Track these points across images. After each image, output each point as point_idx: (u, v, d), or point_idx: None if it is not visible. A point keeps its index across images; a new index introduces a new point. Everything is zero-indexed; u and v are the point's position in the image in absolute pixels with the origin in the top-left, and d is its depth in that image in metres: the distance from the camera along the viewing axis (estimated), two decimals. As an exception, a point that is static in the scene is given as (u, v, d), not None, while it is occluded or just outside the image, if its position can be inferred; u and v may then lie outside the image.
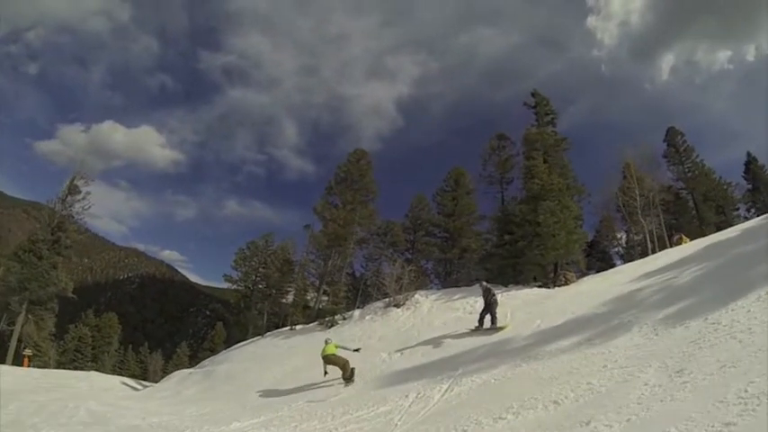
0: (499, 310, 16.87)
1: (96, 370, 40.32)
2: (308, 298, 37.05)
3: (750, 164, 42.70)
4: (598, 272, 28.18)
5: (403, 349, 16.92)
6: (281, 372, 18.95)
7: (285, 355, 22.48)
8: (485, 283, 17.86)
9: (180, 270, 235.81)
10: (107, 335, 60.99)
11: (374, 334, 21.37)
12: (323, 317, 28.05)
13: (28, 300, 34.98)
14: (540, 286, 23.32)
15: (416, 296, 25.12)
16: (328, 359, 14.86)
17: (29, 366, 32.96)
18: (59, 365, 44.55)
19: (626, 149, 38.35)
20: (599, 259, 40.07)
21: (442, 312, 21.78)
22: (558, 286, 22.51)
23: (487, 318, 16.60)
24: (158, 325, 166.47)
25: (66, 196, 38.27)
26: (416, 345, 17.02)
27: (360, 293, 36.72)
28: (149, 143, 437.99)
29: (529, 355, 10.82)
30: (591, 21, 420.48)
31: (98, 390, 22.80)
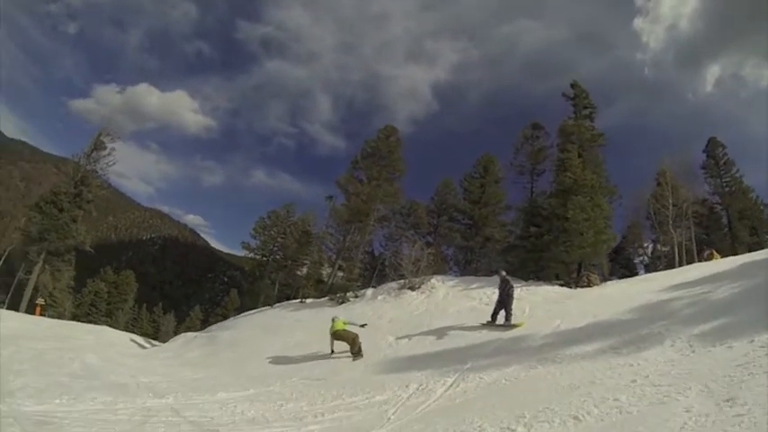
0: (516, 305, 15.86)
1: (110, 325, 40.53)
2: (323, 272, 36.49)
3: (789, 187, 40.23)
4: (621, 278, 26.94)
5: (412, 335, 15.96)
6: (283, 344, 18.32)
7: (291, 327, 21.82)
8: (503, 273, 16.62)
9: (202, 235, 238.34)
10: (123, 292, 62.32)
11: (384, 315, 20.52)
12: (335, 292, 27.36)
13: (46, 250, 35.79)
14: (561, 285, 22.14)
15: (433, 280, 24.22)
16: (337, 335, 14.76)
17: (41, 315, 33.77)
18: (74, 318, 45.21)
19: (665, 157, 36.71)
20: (622, 266, 38.89)
21: (458, 300, 20.87)
22: (581, 287, 21.33)
23: (502, 313, 15.48)
24: (176, 287, 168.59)
25: (92, 151, 39.26)
26: (426, 331, 16.09)
27: (376, 273, 35.95)
28: (182, 108, 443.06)
29: (546, 357, 9.81)
30: (638, 22, 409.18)
31: (104, 344, 22.40)
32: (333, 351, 14.84)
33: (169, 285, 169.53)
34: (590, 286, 21.35)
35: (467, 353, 11.95)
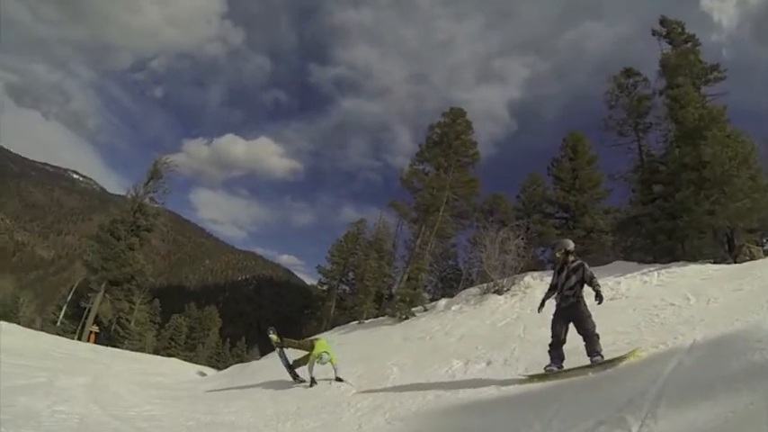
0: (664, 293, 9.39)
1: (190, 360, 41.95)
2: (391, 287, 30.58)
3: None
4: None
5: (492, 359, 8.83)
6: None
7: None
8: (570, 247, 7.41)
9: (297, 274, 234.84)
10: (206, 327, 63.54)
11: (455, 330, 13.67)
12: (394, 307, 20.91)
13: (107, 279, 35.25)
14: (714, 262, 14.64)
15: (527, 278, 17.24)
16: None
17: (94, 342, 33.00)
18: (155, 351, 44.69)
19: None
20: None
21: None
22: (740, 262, 13.78)
23: (570, 343, 7.06)
24: (273, 325, 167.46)
25: (149, 181, 38.67)
26: (518, 351, 8.96)
27: (461, 284, 28.87)
28: (268, 153, 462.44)
29: None
30: (706, 2, 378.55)
31: (139, 372, 19.39)
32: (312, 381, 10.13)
33: (266, 323, 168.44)
34: (754, 260, 13.96)
35: (613, 389, 4.98)
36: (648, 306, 9.61)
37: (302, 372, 10.70)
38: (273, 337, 11.81)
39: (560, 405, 4.71)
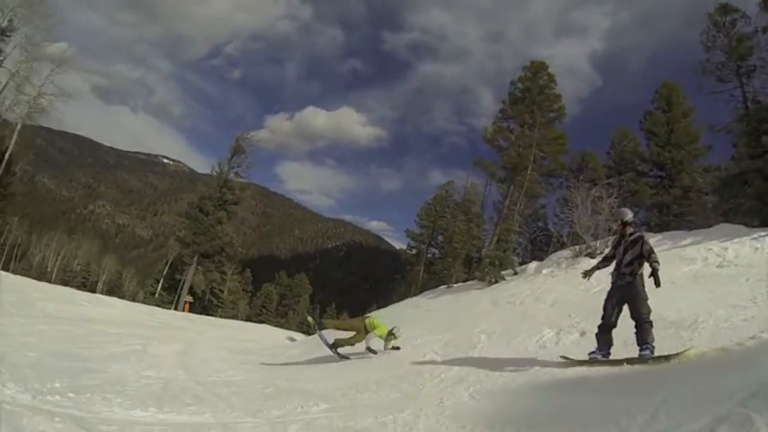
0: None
1: (281, 326, 44.45)
2: (481, 250, 30.06)
3: None
4: None
5: (587, 329, 8.21)
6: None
7: (414, 319, 15.60)
8: (628, 217, 6.63)
9: (387, 239, 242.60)
10: (297, 294, 66.96)
11: (546, 296, 12.86)
12: (483, 270, 20.55)
13: (198, 253, 38.13)
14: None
15: (620, 241, 15.97)
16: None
17: (189, 311, 36.18)
18: (247, 318, 48.54)
19: None
20: None
21: (666, 264, 12.41)
22: None
23: (620, 330, 6.46)
24: (363, 290, 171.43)
25: (233, 156, 41.25)
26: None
27: (552, 246, 28.01)
28: (350, 123, 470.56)
29: None
30: None
31: (227, 338, 20.62)
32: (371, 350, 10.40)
33: (356, 289, 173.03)
34: None
35: (730, 378, 4.19)
36: (764, 277, 8.54)
37: (344, 351, 10.69)
38: (309, 319, 12.11)
39: (667, 394, 4.00)
